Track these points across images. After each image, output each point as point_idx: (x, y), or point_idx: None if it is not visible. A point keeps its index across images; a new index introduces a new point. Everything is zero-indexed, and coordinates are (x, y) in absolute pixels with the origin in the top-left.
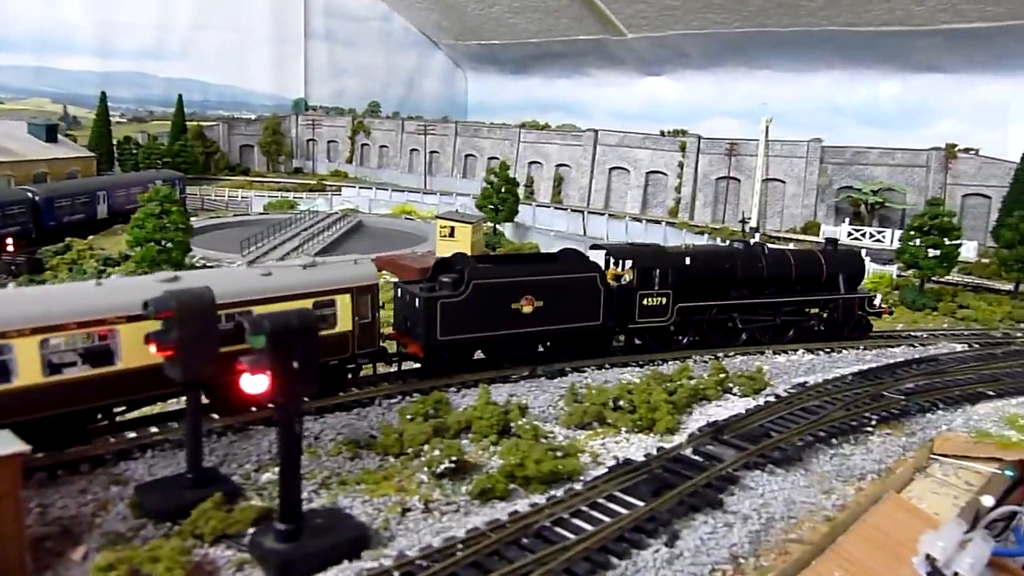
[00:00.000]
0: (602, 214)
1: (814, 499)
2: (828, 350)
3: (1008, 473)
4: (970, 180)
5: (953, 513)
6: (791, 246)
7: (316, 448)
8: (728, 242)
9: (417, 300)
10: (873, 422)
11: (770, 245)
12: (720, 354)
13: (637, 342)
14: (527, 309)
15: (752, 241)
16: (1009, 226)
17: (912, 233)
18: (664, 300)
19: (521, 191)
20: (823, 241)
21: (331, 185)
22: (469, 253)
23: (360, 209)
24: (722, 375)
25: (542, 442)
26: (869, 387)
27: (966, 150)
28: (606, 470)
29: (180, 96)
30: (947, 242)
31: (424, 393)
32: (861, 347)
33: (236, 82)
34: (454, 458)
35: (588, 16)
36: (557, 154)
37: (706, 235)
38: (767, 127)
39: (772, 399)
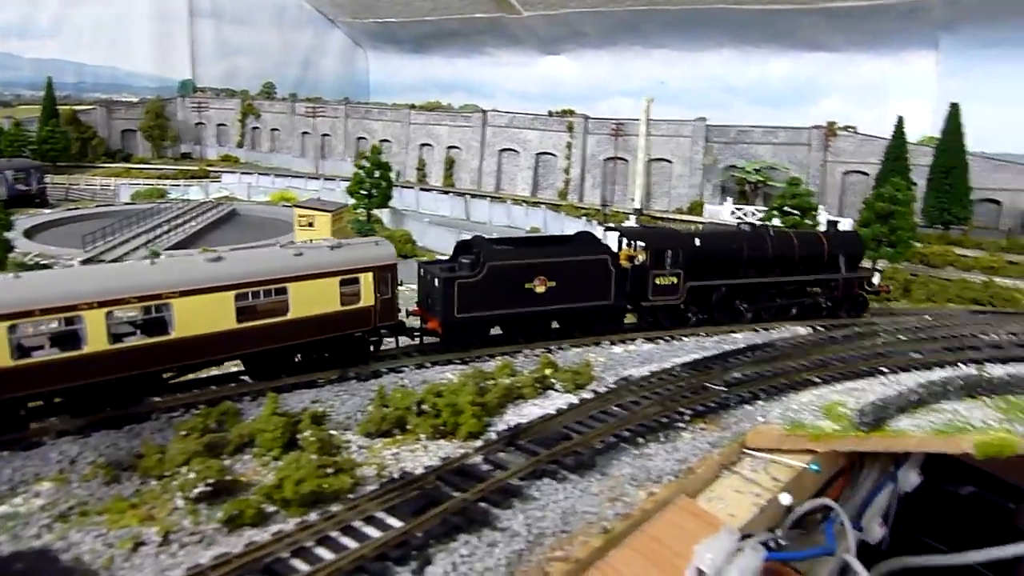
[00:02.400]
0: (485, 197)
1: (597, 508)
2: (669, 338)
3: (814, 468)
4: (850, 157)
5: (752, 513)
6: (662, 226)
7: (67, 474)
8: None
9: (437, 280)
10: (686, 417)
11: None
12: (553, 347)
13: (649, 319)
14: (540, 289)
15: (607, 224)
16: (868, 204)
17: (774, 212)
18: (676, 280)
19: (413, 174)
20: (703, 222)
21: (216, 171)
22: None
23: (238, 197)
24: (548, 370)
25: (336, 453)
26: (694, 378)
27: (845, 128)
28: (377, 486)
29: (50, 79)
30: (806, 221)
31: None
32: (703, 334)
33: (115, 62)
34: (211, 480)
35: None
36: (448, 136)
37: (584, 218)
38: (648, 107)
39: (590, 396)
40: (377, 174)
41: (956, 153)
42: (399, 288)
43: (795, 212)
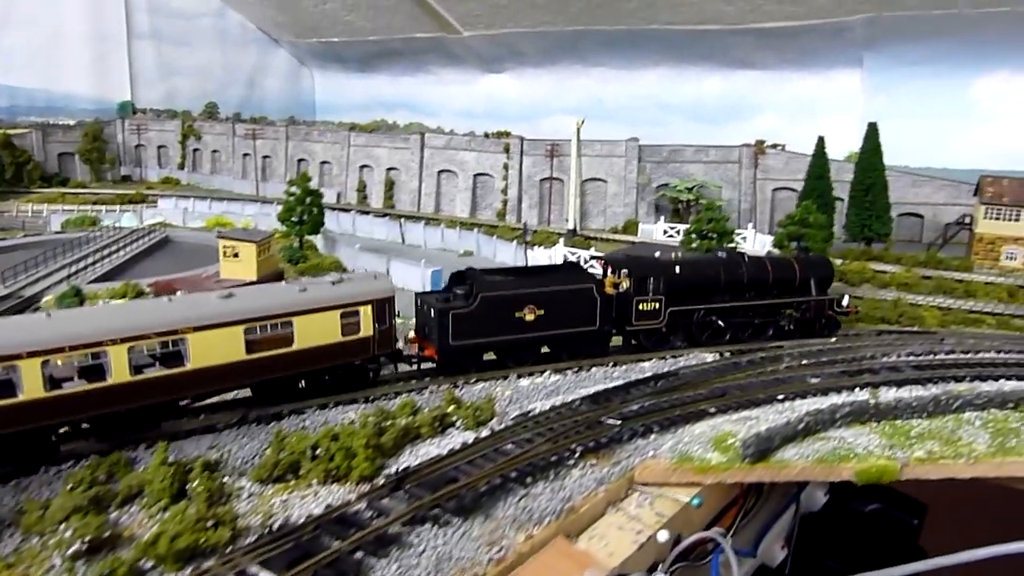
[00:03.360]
0: (421, 220)
1: (474, 553)
2: (577, 369)
3: (695, 502)
4: (779, 175)
5: (631, 550)
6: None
7: None
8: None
9: (432, 310)
10: (577, 453)
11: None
12: (461, 381)
13: (633, 343)
14: (530, 317)
15: (528, 240)
16: (783, 225)
17: (692, 236)
18: (657, 305)
19: (354, 196)
20: (636, 242)
21: (153, 195)
22: (255, 274)
23: (172, 223)
24: (451, 407)
25: (225, 501)
26: (592, 412)
27: (774, 146)
28: (255, 538)
29: None
30: (724, 244)
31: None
32: (611, 364)
33: (50, 85)
34: (88, 536)
35: (423, 14)
36: (387, 157)
37: (515, 241)
38: (579, 128)
39: (487, 433)
40: (307, 201)
41: (875, 170)
42: (396, 319)
43: (712, 236)
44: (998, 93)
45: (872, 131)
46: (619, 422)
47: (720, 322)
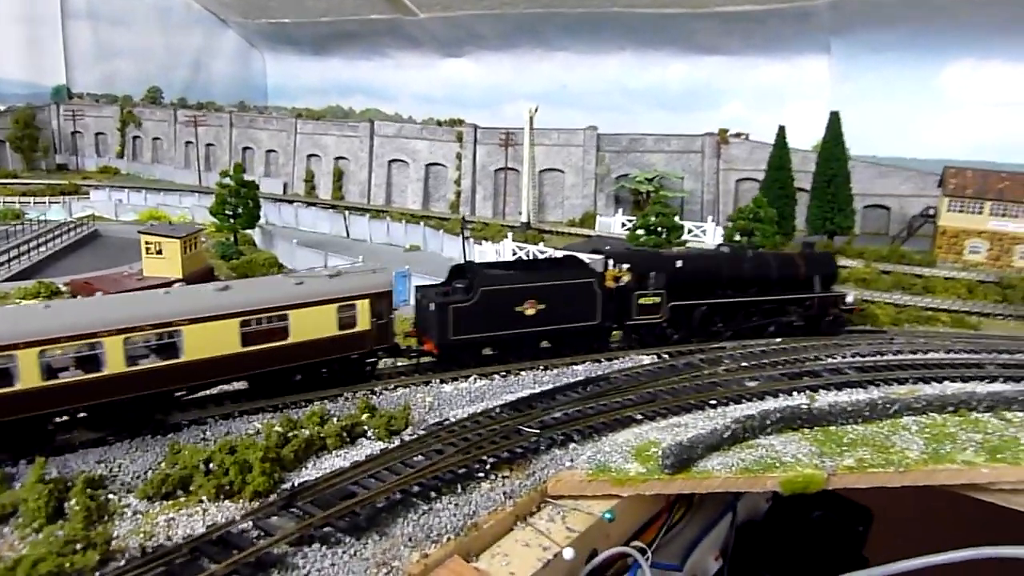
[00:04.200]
0: (366, 213)
1: None
2: (505, 373)
3: (607, 516)
4: (742, 165)
5: (535, 568)
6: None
7: None
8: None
9: (432, 304)
10: (489, 465)
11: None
12: (379, 388)
13: (634, 337)
14: (530, 311)
15: (467, 235)
16: (732, 220)
17: (640, 233)
18: (658, 299)
19: (302, 187)
20: (592, 235)
21: (86, 186)
22: (180, 272)
23: (104, 216)
24: (364, 415)
25: (107, 520)
26: (512, 420)
27: (737, 135)
28: (124, 562)
29: None
30: (672, 239)
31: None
32: (542, 367)
33: None
34: None
35: None
36: (335, 146)
37: (463, 236)
38: (531, 116)
39: (396, 444)
40: (241, 193)
41: (837, 161)
42: (393, 313)
43: (660, 230)
44: (966, 80)
45: (834, 120)
46: (537, 431)
47: (722, 319)
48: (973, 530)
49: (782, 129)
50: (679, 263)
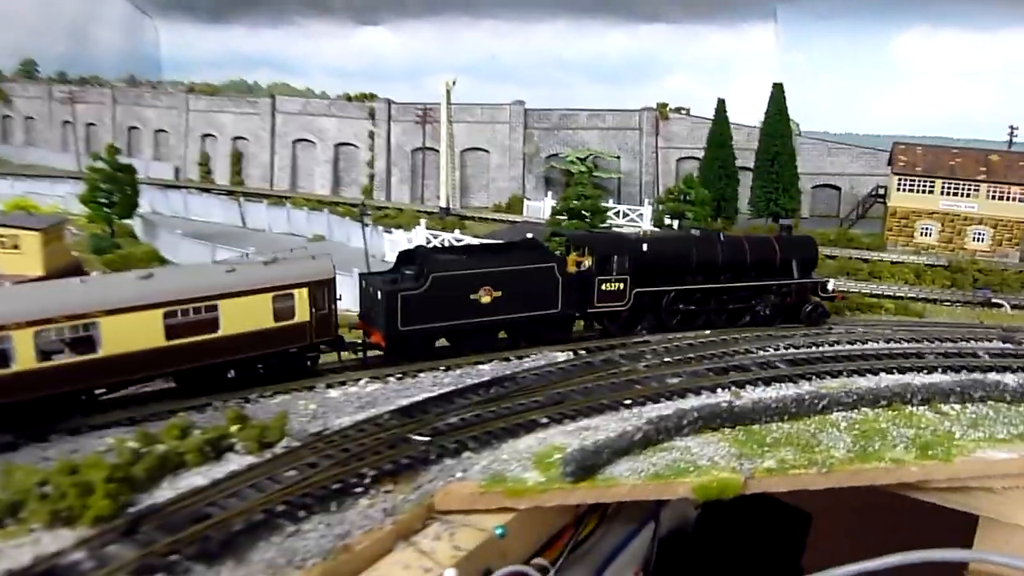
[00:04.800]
0: (261, 199)
1: None
2: (401, 375)
3: (498, 532)
4: (683, 142)
5: None
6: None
7: None
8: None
9: (379, 292)
10: (368, 479)
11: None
12: (253, 395)
13: (597, 327)
14: (486, 299)
15: (366, 222)
16: (661, 202)
17: (560, 217)
18: (622, 285)
19: (196, 171)
20: (519, 221)
21: None
22: (41, 269)
23: None
24: (234, 427)
25: None
26: (402, 427)
27: (678, 110)
28: None
29: None
30: (597, 223)
31: None
32: (443, 368)
33: None
34: None
35: None
36: (233, 125)
37: (380, 226)
38: (448, 89)
39: (267, 458)
40: (118, 177)
41: (781, 137)
42: (337, 303)
43: (584, 215)
44: (919, 49)
45: (777, 93)
46: (428, 439)
47: (692, 306)
48: (915, 530)
49: (722, 103)
50: (644, 246)
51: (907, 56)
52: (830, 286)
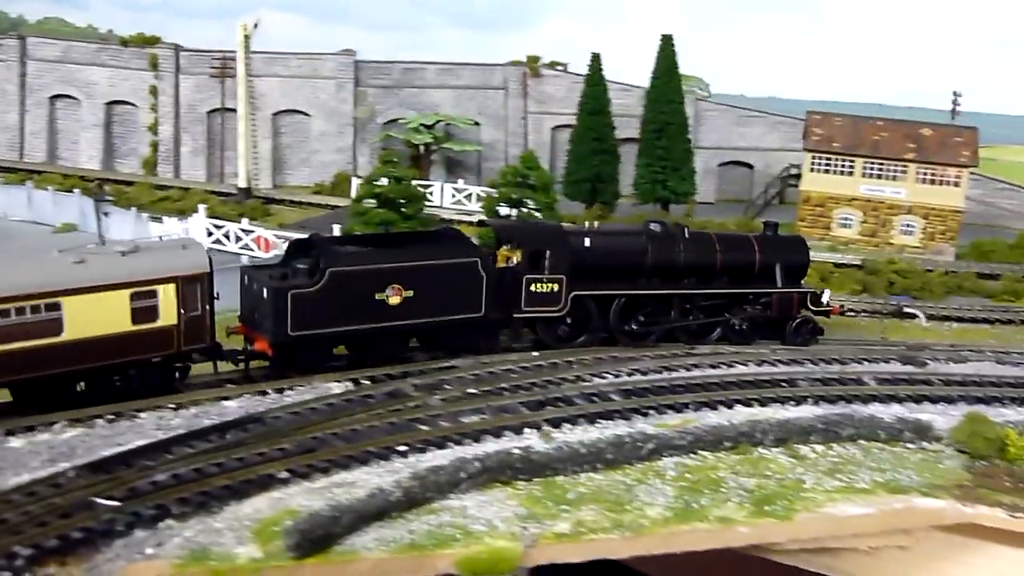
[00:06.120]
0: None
1: None
2: (114, 416)
3: None
4: (559, 106)
5: None
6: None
7: None
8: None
9: (265, 289)
10: (21, 560)
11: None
12: None
13: (533, 337)
14: (394, 300)
15: (101, 200)
16: (493, 184)
17: (369, 205)
18: (555, 287)
19: None
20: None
21: None
22: None
23: None
24: None
25: None
26: (88, 488)
27: (552, 65)
28: None
29: None
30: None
31: None
32: (172, 406)
33: None
34: None
35: None
36: None
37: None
38: (247, 35)
39: None
40: None
41: (671, 103)
42: (216, 302)
43: (401, 203)
44: None
45: (667, 46)
46: (118, 503)
47: (648, 315)
48: None
49: (596, 58)
50: (587, 241)
51: (843, 4)
52: (824, 298)
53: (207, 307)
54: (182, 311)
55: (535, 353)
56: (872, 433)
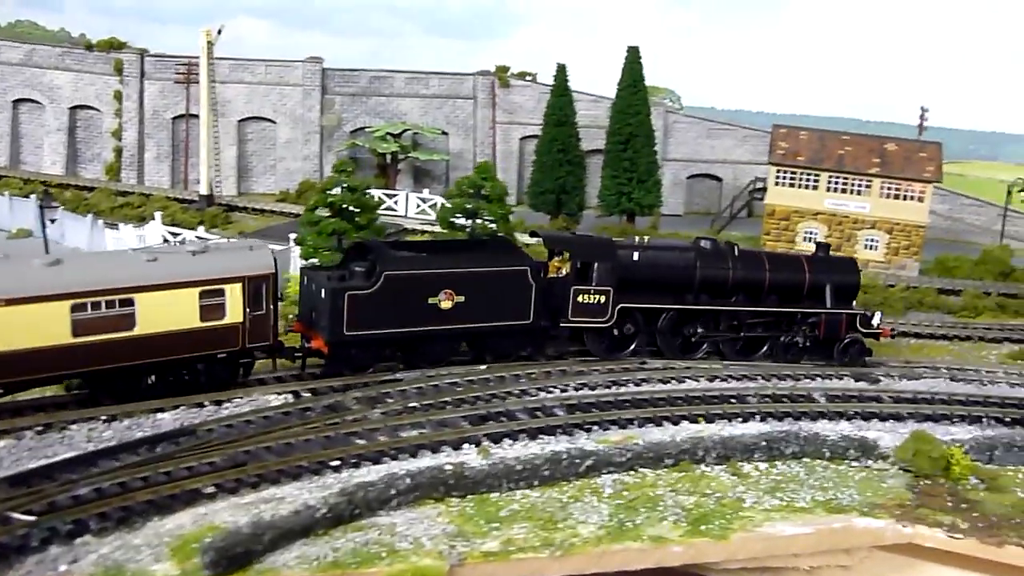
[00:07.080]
0: None
1: None
2: (43, 427)
3: None
4: (527, 116)
5: None
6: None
7: None
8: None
9: (323, 290)
10: None
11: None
12: None
13: (580, 346)
14: (446, 304)
15: (47, 206)
16: (448, 195)
17: (322, 214)
18: (602, 298)
19: None
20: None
21: None
22: None
23: None
24: None
25: None
26: (5, 502)
27: (522, 75)
28: None
29: None
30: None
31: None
32: (105, 418)
33: None
34: None
35: None
36: None
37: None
38: (211, 41)
39: None
40: None
41: (637, 115)
42: (279, 302)
43: (354, 212)
44: (827, 11)
45: (632, 58)
46: (33, 518)
47: (697, 330)
48: None
49: (562, 68)
50: (635, 255)
51: (814, 19)
52: (875, 320)
53: (271, 307)
54: (248, 310)
55: (482, 367)
56: (816, 451)
